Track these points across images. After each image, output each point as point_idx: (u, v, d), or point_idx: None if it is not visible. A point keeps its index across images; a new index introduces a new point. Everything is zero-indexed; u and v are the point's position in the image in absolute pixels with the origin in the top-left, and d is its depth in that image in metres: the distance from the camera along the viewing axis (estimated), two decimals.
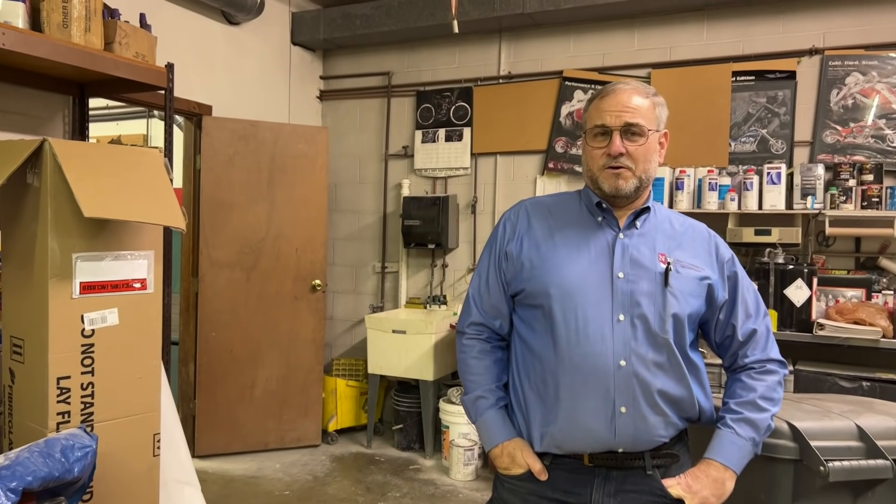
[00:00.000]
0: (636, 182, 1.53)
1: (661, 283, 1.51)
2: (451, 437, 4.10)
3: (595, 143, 1.55)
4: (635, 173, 1.53)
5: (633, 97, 1.53)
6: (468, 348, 1.68)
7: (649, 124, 1.53)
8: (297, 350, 4.53)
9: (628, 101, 1.52)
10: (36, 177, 2.04)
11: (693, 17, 4.13)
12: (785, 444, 1.65)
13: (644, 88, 1.57)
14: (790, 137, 3.89)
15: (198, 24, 4.16)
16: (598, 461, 1.51)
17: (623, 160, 1.51)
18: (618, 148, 1.50)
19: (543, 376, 1.53)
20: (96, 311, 2.12)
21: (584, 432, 1.49)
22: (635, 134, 1.51)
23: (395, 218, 4.93)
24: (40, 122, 3.27)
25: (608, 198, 1.56)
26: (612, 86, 1.57)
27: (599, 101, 1.56)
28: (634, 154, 1.51)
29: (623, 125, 1.51)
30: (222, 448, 4.32)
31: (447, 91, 4.79)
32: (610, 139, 1.51)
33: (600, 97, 1.56)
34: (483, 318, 1.67)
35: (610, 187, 1.53)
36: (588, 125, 1.57)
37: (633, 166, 1.52)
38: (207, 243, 4.25)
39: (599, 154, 1.54)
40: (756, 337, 1.60)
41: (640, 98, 1.54)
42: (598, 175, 1.55)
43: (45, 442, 1.76)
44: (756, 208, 3.73)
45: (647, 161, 1.54)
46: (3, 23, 2.55)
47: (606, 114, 1.52)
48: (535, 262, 1.57)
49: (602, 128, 1.53)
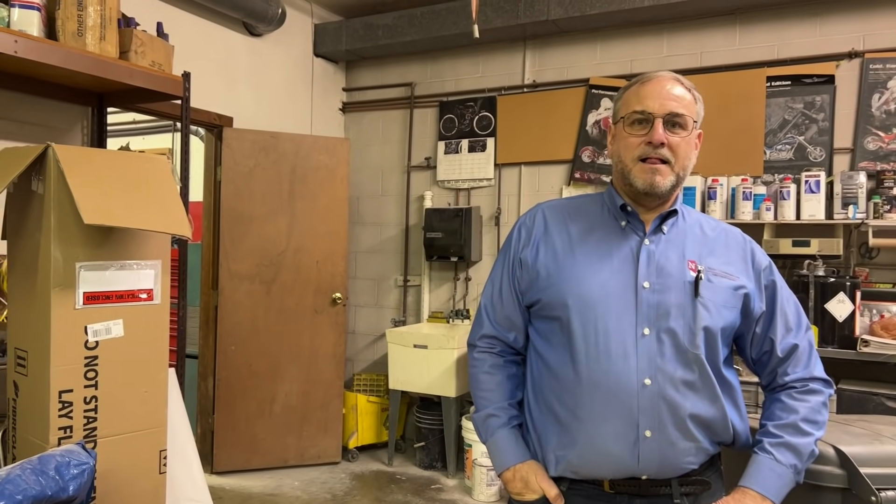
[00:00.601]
0: (673, 179, 1.39)
1: (690, 293, 1.37)
2: (473, 456, 3.96)
3: (632, 130, 1.40)
4: (674, 169, 1.39)
5: (676, 86, 1.40)
6: (479, 362, 1.55)
7: (693, 117, 1.41)
8: (317, 365, 4.44)
9: (673, 89, 1.39)
10: (40, 183, 1.99)
11: (725, 22, 3.99)
12: (831, 471, 1.50)
13: (684, 80, 1.44)
14: (829, 144, 3.72)
15: (219, 35, 4.14)
16: (620, 488, 1.37)
17: (663, 151, 1.37)
18: (660, 136, 1.36)
19: (560, 395, 1.40)
20: (100, 323, 2.05)
21: (603, 457, 1.35)
22: (679, 125, 1.38)
23: (417, 230, 4.84)
24: (59, 132, 3.26)
25: (638, 196, 1.42)
26: (653, 73, 1.44)
27: (639, 87, 1.41)
28: (676, 147, 1.38)
29: (667, 114, 1.37)
30: (241, 464, 4.24)
31: (470, 101, 4.71)
32: (651, 127, 1.37)
33: (640, 83, 1.42)
34: (496, 330, 1.54)
35: (644, 183, 1.38)
36: (625, 110, 1.42)
37: (673, 160, 1.38)
38: (227, 256, 4.20)
39: (636, 142, 1.39)
40: (797, 353, 1.45)
41: (682, 89, 1.41)
42: (631, 168, 1.40)
43: (38, 458, 1.68)
44: (794, 218, 3.55)
45: (687, 157, 1.41)
46: (19, 31, 2.53)
47: (649, 99, 1.38)
48: (552, 271, 1.44)
49: (642, 114, 1.38)
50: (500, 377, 1.52)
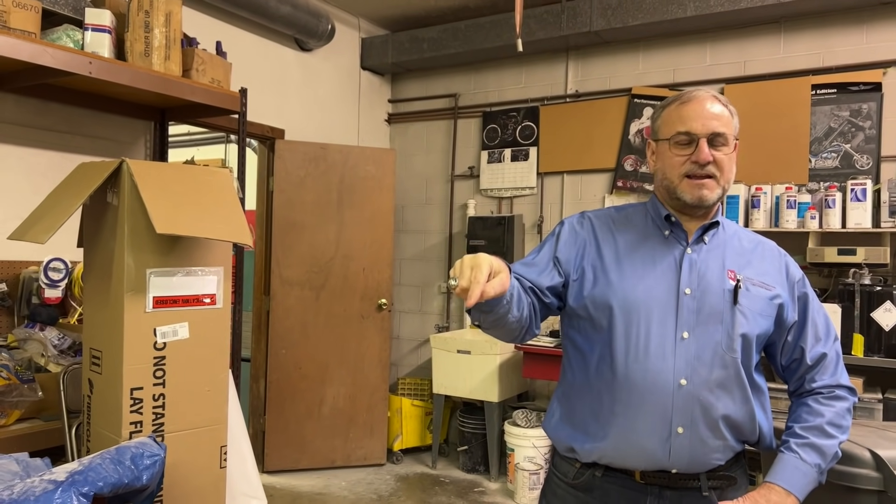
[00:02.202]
0: (719, 192, 1.48)
1: (730, 300, 1.44)
2: (516, 460, 4.03)
3: (677, 151, 1.48)
4: (720, 182, 1.47)
5: (716, 104, 1.48)
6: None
7: (733, 133, 1.48)
8: (363, 368, 4.57)
9: (713, 108, 1.47)
10: (115, 195, 2.15)
11: (769, 30, 3.99)
12: (867, 474, 1.54)
13: (720, 96, 1.51)
14: (876, 152, 3.69)
15: (272, 51, 4.32)
16: (650, 479, 1.45)
17: (710, 168, 1.45)
18: (707, 156, 1.44)
19: (599, 390, 1.47)
20: (168, 325, 2.19)
21: (636, 450, 1.43)
22: (721, 143, 1.46)
23: (460, 238, 4.94)
24: (124, 146, 3.46)
25: (684, 208, 1.50)
26: (691, 92, 1.51)
27: (680, 107, 1.49)
28: (720, 162, 1.46)
29: (710, 133, 1.45)
30: (290, 464, 4.39)
31: (513, 111, 4.79)
32: (697, 147, 1.45)
33: (680, 102, 1.50)
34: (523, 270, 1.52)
35: (693, 198, 1.46)
36: (667, 131, 1.49)
37: (719, 175, 1.46)
38: (279, 263, 4.37)
39: (682, 161, 1.46)
40: (826, 362, 1.52)
41: (720, 106, 1.48)
42: (677, 184, 1.47)
43: (116, 449, 1.82)
44: (839, 227, 3.54)
45: (731, 170, 1.49)
46: (92, 52, 2.71)
47: (692, 121, 1.46)
48: (599, 275, 1.51)
49: (687, 135, 1.46)
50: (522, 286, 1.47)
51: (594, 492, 1.49)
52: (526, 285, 1.48)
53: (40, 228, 2.08)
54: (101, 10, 2.78)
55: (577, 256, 1.54)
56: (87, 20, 2.75)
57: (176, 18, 2.96)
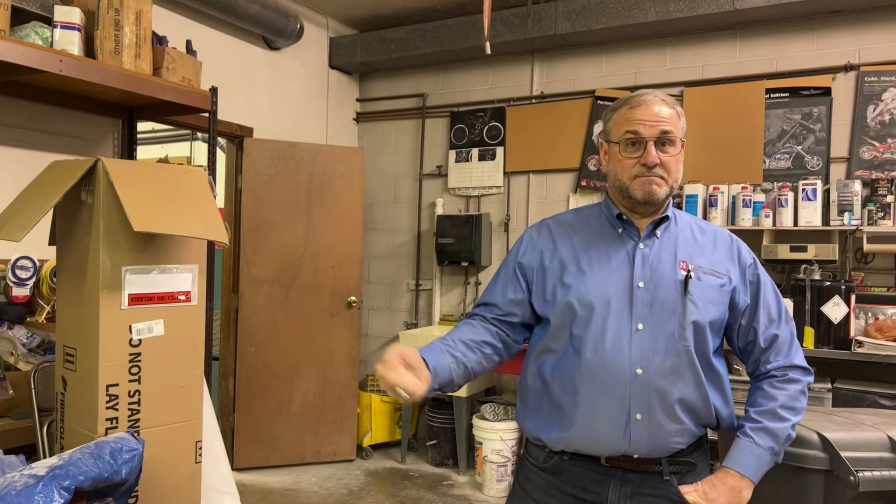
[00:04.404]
0: (668, 189, 1.55)
1: (681, 291, 1.53)
2: (484, 453, 4.12)
3: (627, 154, 1.55)
4: (668, 182, 1.54)
5: (663, 107, 1.54)
6: (467, 319, 1.69)
7: (679, 134, 1.56)
8: (333, 365, 4.61)
9: (661, 111, 1.53)
10: (89, 194, 2.16)
11: (725, 36, 4.15)
12: (815, 455, 1.65)
13: (669, 98, 1.58)
14: (826, 154, 3.87)
15: (241, 50, 4.32)
16: (615, 463, 1.53)
17: (657, 170, 1.52)
18: (654, 158, 1.51)
19: (563, 384, 1.55)
20: (143, 322, 2.21)
21: (598, 437, 1.51)
22: (668, 143, 1.53)
23: (429, 236, 5.01)
24: (92, 143, 3.44)
25: (635, 205, 1.57)
26: (640, 95, 1.58)
27: (629, 111, 1.55)
28: (667, 164, 1.53)
29: (658, 135, 1.52)
30: (260, 461, 4.40)
31: (480, 112, 4.88)
32: (644, 149, 1.52)
33: (629, 106, 1.56)
34: (485, 310, 1.68)
35: (644, 194, 1.53)
36: (617, 133, 1.56)
37: (667, 176, 1.54)
38: (248, 261, 4.38)
39: (631, 164, 1.53)
40: (778, 342, 1.60)
41: (668, 108, 1.55)
42: (629, 184, 1.55)
43: (95, 444, 1.85)
44: (791, 225, 3.70)
45: (678, 170, 1.56)
46: (61, 50, 2.70)
47: (639, 124, 1.52)
48: (560, 277, 1.59)
49: (635, 135, 1.53)
50: (463, 329, 1.63)
51: (563, 475, 1.57)
52: (476, 339, 1.60)
53: (14, 226, 2.08)
54: (70, 8, 2.78)
55: (538, 259, 1.64)
56: (56, 17, 2.73)
57: (146, 17, 2.96)
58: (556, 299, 1.58)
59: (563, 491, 1.57)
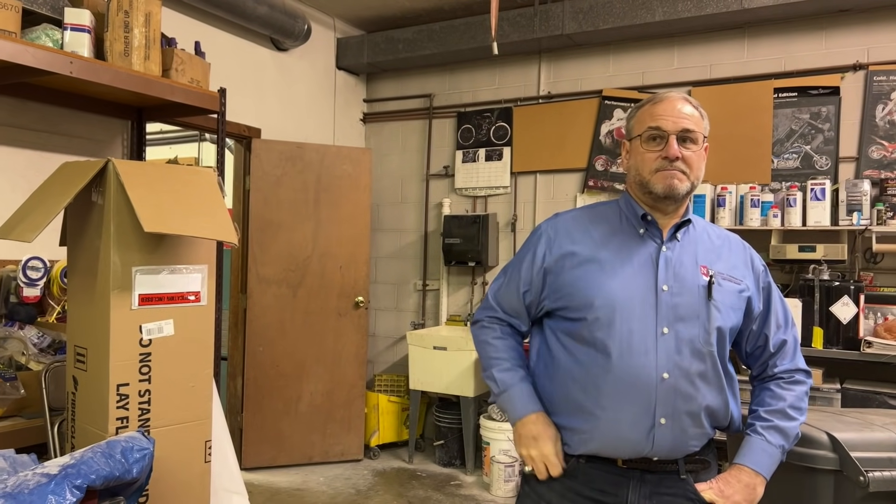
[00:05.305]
0: (689, 185, 1.54)
1: (704, 296, 1.52)
2: (491, 454, 4.12)
3: (649, 147, 1.55)
4: (689, 178, 1.54)
5: (686, 105, 1.56)
6: (489, 330, 1.71)
7: (702, 132, 1.56)
8: (340, 365, 4.62)
9: (683, 108, 1.54)
10: (100, 195, 2.17)
11: (733, 35, 4.14)
12: (825, 455, 1.65)
13: (692, 99, 1.60)
14: (835, 153, 3.85)
15: (249, 51, 4.34)
16: (633, 465, 1.53)
17: (679, 164, 1.52)
18: (675, 151, 1.51)
19: (585, 386, 1.53)
20: (153, 322, 2.22)
21: (622, 442, 1.51)
22: (690, 140, 1.53)
23: (435, 236, 5.02)
24: (102, 145, 3.46)
25: (657, 201, 1.56)
26: (664, 93, 1.60)
27: (652, 107, 1.56)
28: (689, 159, 1.53)
29: (680, 130, 1.52)
30: (268, 461, 4.42)
31: (487, 112, 4.88)
32: (666, 143, 1.52)
33: (653, 103, 1.57)
34: (504, 314, 1.71)
35: (664, 188, 1.53)
36: (639, 128, 1.57)
37: (689, 171, 1.53)
38: (256, 261, 4.39)
39: (653, 157, 1.54)
40: (786, 347, 1.63)
41: (691, 107, 1.56)
42: (649, 178, 1.54)
43: (106, 443, 1.86)
44: (800, 225, 3.69)
45: (699, 168, 1.57)
46: (71, 52, 2.72)
47: (662, 118, 1.53)
48: (579, 275, 1.57)
49: (658, 130, 1.53)
50: (511, 342, 1.69)
51: (579, 477, 1.56)
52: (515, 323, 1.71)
53: (26, 227, 2.10)
54: (80, 10, 2.79)
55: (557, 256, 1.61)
56: (66, 19, 2.75)
57: (155, 19, 2.98)
58: (575, 299, 1.56)
59: (581, 494, 1.55)
